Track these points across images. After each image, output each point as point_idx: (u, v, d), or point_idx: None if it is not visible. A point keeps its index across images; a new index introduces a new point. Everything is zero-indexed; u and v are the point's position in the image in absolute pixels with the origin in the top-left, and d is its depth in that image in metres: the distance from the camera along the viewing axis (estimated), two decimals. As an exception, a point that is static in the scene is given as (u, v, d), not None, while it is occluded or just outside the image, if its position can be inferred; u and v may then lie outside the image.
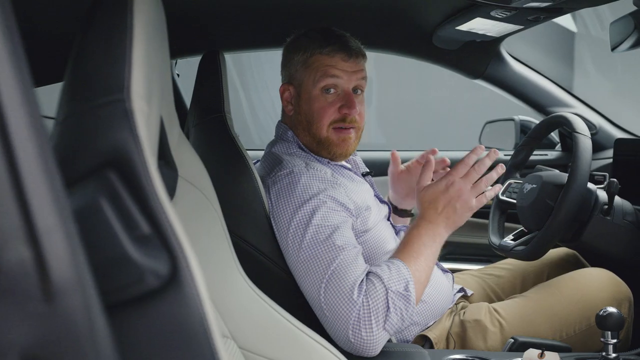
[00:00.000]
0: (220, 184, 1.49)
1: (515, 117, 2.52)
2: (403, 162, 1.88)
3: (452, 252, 2.50)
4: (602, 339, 1.36)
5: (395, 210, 1.93)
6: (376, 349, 1.35)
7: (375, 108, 4.44)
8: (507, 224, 2.06)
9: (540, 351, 1.37)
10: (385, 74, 4.34)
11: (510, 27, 1.75)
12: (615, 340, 1.36)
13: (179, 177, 1.04)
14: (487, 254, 2.38)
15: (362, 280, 1.37)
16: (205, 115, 1.56)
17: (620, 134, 2.36)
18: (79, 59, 0.71)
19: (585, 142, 1.67)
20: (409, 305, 1.35)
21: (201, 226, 1.08)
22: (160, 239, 0.62)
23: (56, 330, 0.44)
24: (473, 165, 1.47)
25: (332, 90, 1.59)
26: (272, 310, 1.14)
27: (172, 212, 0.65)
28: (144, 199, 0.63)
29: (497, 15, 1.59)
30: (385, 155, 2.66)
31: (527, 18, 1.61)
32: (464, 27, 1.77)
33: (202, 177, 1.11)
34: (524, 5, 1.44)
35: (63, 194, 0.48)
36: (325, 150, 1.63)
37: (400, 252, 1.43)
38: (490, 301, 1.89)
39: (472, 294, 1.86)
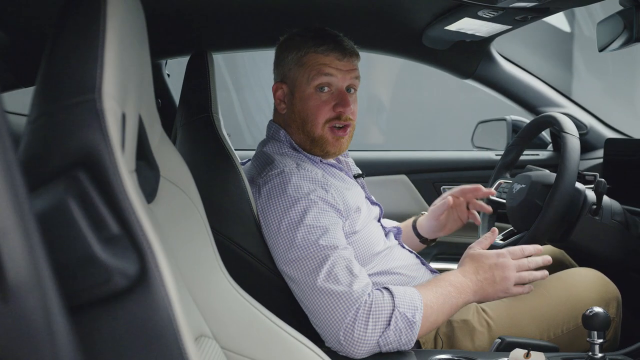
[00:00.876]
0: (208, 184, 1.49)
1: (507, 117, 2.53)
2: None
3: (443, 251, 2.50)
4: (588, 339, 1.36)
5: (418, 236, 1.96)
6: (362, 353, 1.36)
7: (371, 108, 4.45)
8: (497, 224, 2.06)
9: (526, 351, 1.37)
10: (380, 74, 4.34)
11: (499, 27, 1.75)
12: (601, 340, 1.36)
13: (161, 178, 1.04)
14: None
15: (364, 283, 1.39)
16: (193, 116, 1.56)
17: (611, 134, 2.36)
18: (51, 59, 0.71)
19: (573, 142, 1.67)
20: (411, 332, 1.37)
21: (183, 226, 1.08)
22: (130, 239, 0.62)
23: (13, 330, 0.44)
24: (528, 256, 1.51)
25: (326, 89, 1.59)
26: (255, 311, 1.14)
27: (143, 213, 0.65)
28: (114, 199, 0.63)
29: (484, 15, 1.59)
30: (381, 155, 2.67)
31: (514, 18, 1.61)
32: (452, 27, 1.78)
33: (185, 178, 1.10)
34: (511, 5, 1.44)
35: (24, 194, 0.48)
36: (318, 148, 1.63)
37: (423, 286, 1.46)
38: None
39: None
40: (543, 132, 2.49)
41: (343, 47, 1.60)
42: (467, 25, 1.75)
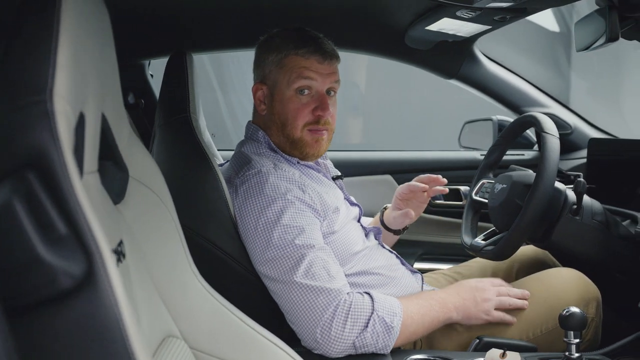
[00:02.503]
0: (184, 185, 1.50)
1: (493, 117, 2.53)
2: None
3: (428, 251, 2.51)
4: (565, 339, 1.37)
5: (388, 229, 1.96)
6: (337, 352, 1.37)
7: (356, 108, 4.45)
8: (480, 224, 2.06)
9: (502, 351, 1.38)
10: (367, 73, 4.34)
11: (479, 27, 1.75)
12: (577, 340, 1.36)
13: (130, 178, 1.04)
14: (464, 254, 2.38)
15: (342, 283, 1.41)
16: (171, 116, 1.56)
17: (596, 134, 2.36)
18: (4, 59, 0.71)
19: (553, 142, 1.67)
20: (388, 337, 1.39)
21: (153, 227, 1.08)
22: (77, 239, 0.62)
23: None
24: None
25: (306, 92, 1.59)
26: (226, 311, 1.14)
27: (92, 214, 0.65)
28: (62, 200, 0.63)
29: (463, 16, 1.59)
30: (366, 155, 2.67)
31: (493, 18, 1.61)
32: (433, 27, 1.78)
33: (155, 178, 1.10)
34: (487, 6, 1.44)
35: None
36: (297, 150, 1.63)
37: (405, 298, 1.50)
38: (462, 301, 1.90)
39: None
40: (529, 132, 2.49)
41: (324, 49, 1.60)
42: (447, 26, 1.76)
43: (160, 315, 1.03)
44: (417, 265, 2.45)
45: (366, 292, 1.43)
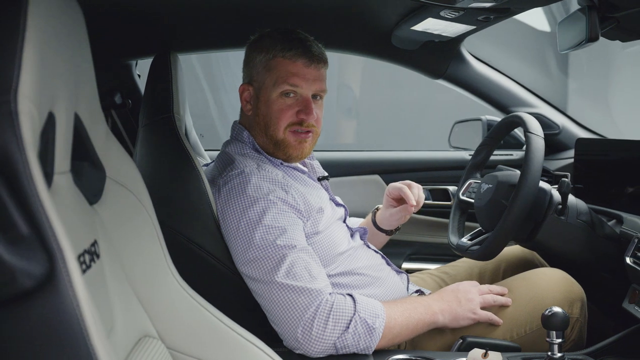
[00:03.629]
0: (167, 185, 1.50)
1: (483, 117, 2.53)
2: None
3: (417, 252, 2.51)
4: (547, 339, 1.37)
5: (380, 230, 1.96)
6: (317, 352, 1.38)
7: (346, 108, 4.45)
8: (467, 224, 2.06)
9: (484, 351, 1.38)
10: (356, 73, 4.34)
11: (463, 27, 1.76)
12: (560, 340, 1.36)
13: (107, 178, 1.04)
14: (452, 254, 2.39)
15: (324, 284, 1.41)
16: (154, 116, 1.56)
17: (584, 134, 2.37)
18: None
19: (537, 142, 1.67)
20: (369, 339, 1.39)
21: (130, 227, 1.08)
22: (39, 240, 0.62)
23: None
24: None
25: (292, 95, 1.59)
26: (204, 311, 1.14)
27: (54, 214, 0.65)
28: (24, 200, 0.63)
29: (447, 16, 1.59)
30: (354, 155, 2.68)
31: (477, 18, 1.61)
32: (418, 27, 1.78)
33: (133, 177, 1.10)
34: (469, 6, 1.44)
35: None
36: (281, 151, 1.63)
37: (389, 302, 1.51)
38: (449, 301, 1.90)
39: (430, 294, 1.86)
40: (518, 132, 2.49)
41: (311, 53, 1.59)
42: (432, 26, 1.76)
43: (137, 315, 1.03)
44: (406, 265, 2.45)
45: (348, 294, 1.44)
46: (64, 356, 0.61)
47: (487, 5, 1.43)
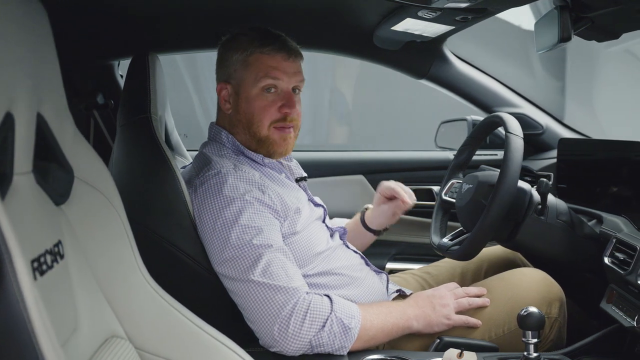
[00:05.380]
0: (143, 185, 1.50)
1: (468, 117, 2.53)
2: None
3: (401, 252, 2.51)
4: (523, 339, 1.37)
5: (369, 230, 1.97)
6: (293, 350, 1.38)
7: (333, 109, 4.45)
8: (450, 223, 2.06)
9: (459, 351, 1.38)
10: (343, 73, 4.35)
11: (443, 27, 1.76)
12: (535, 340, 1.36)
13: (75, 179, 1.04)
14: (437, 255, 2.39)
15: (300, 283, 1.42)
16: (132, 116, 1.56)
17: (568, 134, 2.37)
18: None
19: (516, 142, 1.67)
20: (345, 338, 1.40)
21: (99, 227, 1.08)
22: None
23: None
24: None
25: (273, 90, 1.60)
26: (173, 311, 1.13)
27: (4, 217, 0.64)
28: None
29: (424, 16, 1.59)
30: (338, 155, 2.67)
31: (454, 19, 1.62)
32: (398, 27, 1.78)
33: (102, 178, 1.10)
34: (445, 6, 1.44)
35: None
36: (264, 148, 1.64)
37: (364, 305, 1.52)
38: (430, 300, 1.90)
39: (411, 294, 1.86)
40: (503, 132, 2.49)
41: (289, 47, 1.61)
42: (412, 26, 1.76)
43: (103, 315, 1.03)
44: (390, 265, 2.45)
45: (325, 295, 1.44)
46: (10, 357, 0.60)
47: (463, 5, 1.43)
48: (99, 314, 1.02)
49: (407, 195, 1.84)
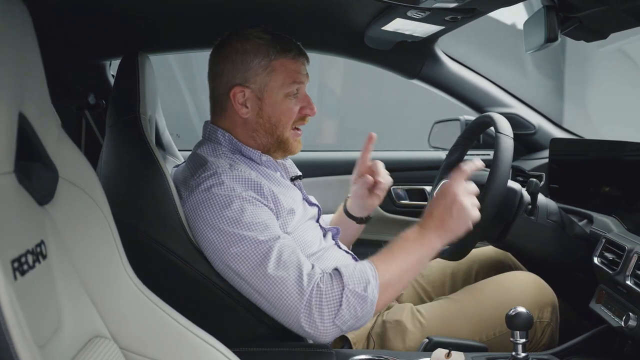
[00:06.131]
0: (132, 184, 1.50)
1: (461, 117, 2.53)
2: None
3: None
4: (511, 339, 1.37)
5: (353, 218, 1.94)
6: (327, 338, 1.37)
7: (326, 108, 4.45)
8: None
9: (447, 351, 1.38)
10: (335, 73, 4.35)
11: (433, 27, 1.76)
12: (524, 340, 1.37)
13: (60, 178, 1.04)
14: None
15: (311, 267, 1.40)
16: (121, 117, 1.56)
17: (560, 134, 2.37)
18: None
19: (506, 142, 1.67)
20: (365, 306, 1.37)
21: (83, 227, 1.07)
22: None
23: None
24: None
25: (297, 94, 1.62)
26: (160, 311, 1.13)
27: None
28: None
29: (414, 16, 1.60)
30: (331, 155, 2.68)
31: (444, 19, 1.62)
32: (388, 27, 1.78)
33: (87, 177, 1.10)
34: (433, 6, 1.44)
35: None
36: (281, 150, 1.67)
37: (377, 255, 1.47)
38: (421, 300, 1.90)
39: (401, 294, 1.87)
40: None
41: (303, 52, 1.64)
42: (402, 26, 1.76)
43: (87, 315, 1.03)
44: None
45: (335, 269, 1.42)
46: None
47: (451, 5, 1.43)
48: (83, 314, 1.02)
49: (381, 174, 1.80)
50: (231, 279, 1.44)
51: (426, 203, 2.41)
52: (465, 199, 1.49)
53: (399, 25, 1.74)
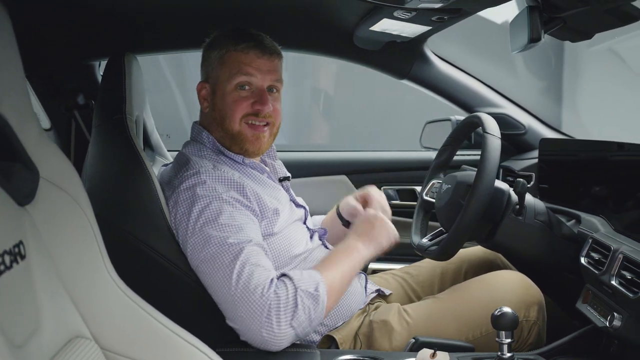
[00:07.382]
0: (117, 185, 1.50)
1: (452, 117, 2.52)
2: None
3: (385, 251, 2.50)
4: (497, 339, 1.37)
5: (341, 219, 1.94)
6: (281, 344, 1.36)
7: (318, 109, 4.45)
8: (431, 223, 2.06)
9: (432, 351, 1.38)
10: (326, 74, 4.35)
11: (421, 28, 1.76)
12: (509, 340, 1.36)
13: (41, 179, 1.04)
14: (419, 255, 2.39)
15: (273, 278, 1.39)
16: (107, 117, 1.56)
17: (550, 134, 2.37)
18: None
19: (493, 142, 1.67)
20: (318, 306, 1.38)
21: (64, 227, 1.07)
22: None
23: None
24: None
25: (247, 87, 1.62)
26: (140, 311, 1.13)
27: None
28: None
29: (400, 16, 1.60)
30: (321, 155, 2.68)
31: (430, 19, 1.62)
32: (376, 27, 1.79)
33: (69, 178, 1.10)
34: (418, 6, 1.45)
35: None
36: (237, 146, 1.64)
37: (319, 264, 1.52)
38: (410, 300, 1.90)
39: (390, 294, 1.86)
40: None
41: (263, 45, 1.62)
42: (390, 26, 1.76)
43: (67, 315, 1.03)
44: (373, 265, 2.44)
45: (283, 274, 1.42)
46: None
47: (437, 5, 1.43)
48: (63, 315, 1.01)
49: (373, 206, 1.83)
50: (201, 277, 1.45)
51: (416, 203, 2.42)
52: (383, 216, 1.66)
53: (386, 25, 1.75)
